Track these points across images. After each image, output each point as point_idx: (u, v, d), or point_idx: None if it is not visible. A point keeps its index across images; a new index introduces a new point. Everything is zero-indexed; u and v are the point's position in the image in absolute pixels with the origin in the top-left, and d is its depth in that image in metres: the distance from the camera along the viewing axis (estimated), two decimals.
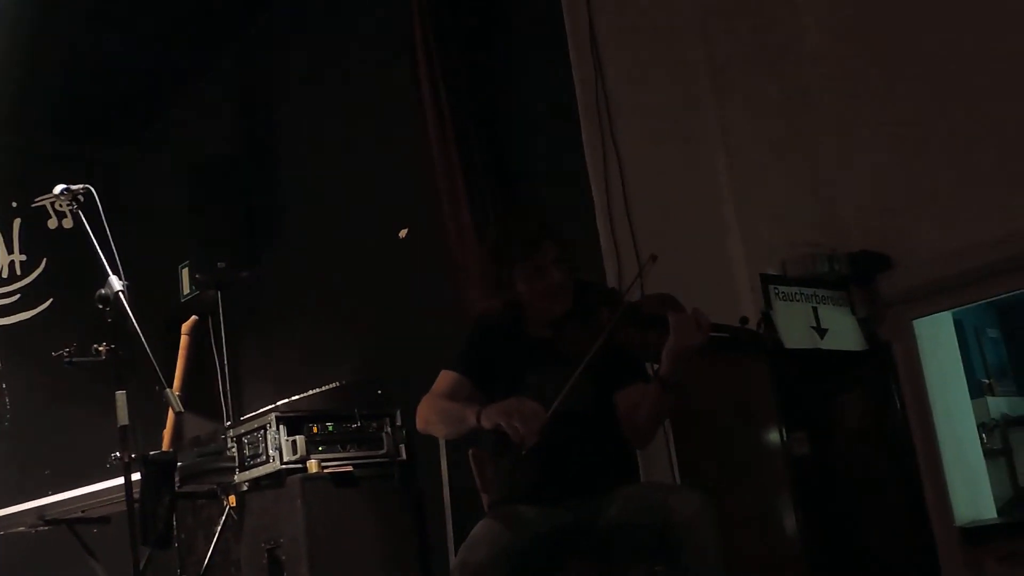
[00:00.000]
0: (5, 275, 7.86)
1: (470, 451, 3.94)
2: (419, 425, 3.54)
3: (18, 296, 7.86)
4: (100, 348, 3.98)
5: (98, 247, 3.91)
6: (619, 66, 4.97)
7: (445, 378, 3.54)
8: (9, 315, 7.80)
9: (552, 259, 3.49)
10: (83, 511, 5.59)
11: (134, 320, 3.82)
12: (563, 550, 3.37)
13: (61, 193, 4.09)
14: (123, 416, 3.83)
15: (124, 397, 3.85)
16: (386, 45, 5.79)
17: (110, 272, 3.88)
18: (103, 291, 3.87)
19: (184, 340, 6.87)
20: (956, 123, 5.10)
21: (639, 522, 3.25)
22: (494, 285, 3.60)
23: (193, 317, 6.95)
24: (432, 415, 3.48)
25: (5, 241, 7.89)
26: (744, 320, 3.42)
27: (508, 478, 3.57)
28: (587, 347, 3.27)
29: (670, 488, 3.90)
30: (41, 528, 5.78)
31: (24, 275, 7.91)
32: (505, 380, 3.45)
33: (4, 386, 7.55)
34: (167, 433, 6.77)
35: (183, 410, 3.90)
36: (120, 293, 3.84)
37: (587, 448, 3.47)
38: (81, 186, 4.09)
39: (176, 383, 6.78)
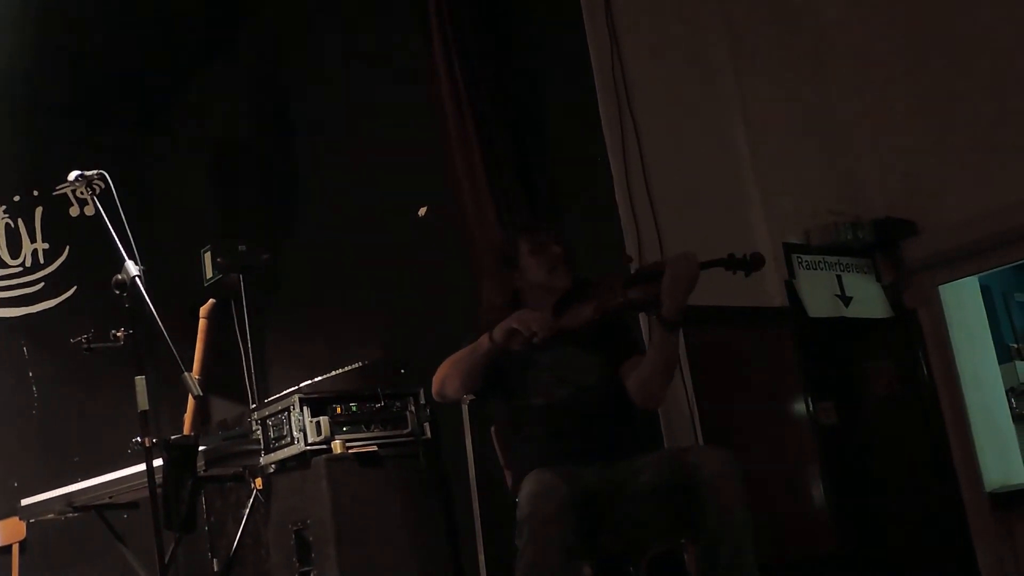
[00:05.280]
0: (29, 264, 7.86)
1: (493, 428, 3.96)
2: (434, 389, 3.78)
3: (42, 284, 7.86)
4: (118, 334, 3.98)
5: (114, 232, 3.91)
6: (635, 38, 4.92)
7: None
8: (34, 304, 7.80)
9: (552, 238, 3.83)
10: (111, 497, 5.58)
11: (151, 305, 3.81)
12: (594, 518, 3.41)
13: (76, 179, 4.09)
14: (143, 401, 3.82)
15: (143, 382, 3.84)
16: (402, 24, 5.74)
17: (126, 257, 3.87)
18: (120, 276, 3.86)
19: (202, 324, 6.85)
20: (980, 87, 5.06)
21: (673, 483, 3.35)
22: (502, 263, 3.89)
23: (211, 300, 6.94)
24: (444, 369, 3.74)
25: (28, 230, 7.89)
26: (732, 255, 3.53)
27: (532, 447, 3.65)
28: (590, 316, 3.54)
29: (694, 448, 4.03)
30: (70, 515, 5.79)
31: (47, 263, 7.91)
32: (517, 364, 3.65)
33: (31, 374, 7.57)
34: (188, 417, 6.77)
35: (201, 394, 3.88)
36: (136, 278, 3.83)
37: (602, 417, 3.64)
38: (95, 172, 4.09)
39: (195, 367, 6.77)
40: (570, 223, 4.94)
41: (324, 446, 5.09)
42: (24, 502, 5.99)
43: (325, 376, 5.43)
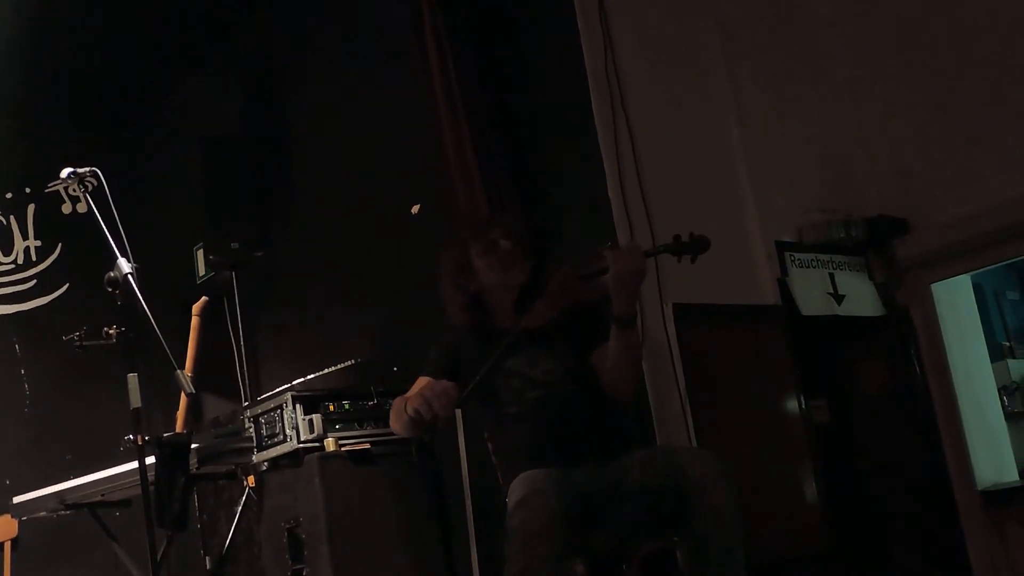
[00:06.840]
0: (21, 261, 7.85)
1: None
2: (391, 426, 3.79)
3: (34, 282, 7.85)
4: (110, 331, 3.97)
5: (106, 230, 3.90)
6: (629, 34, 4.92)
7: (416, 383, 3.72)
8: (26, 301, 7.79)
9: (500, 234, 3.75)
10: (103, 494, 5.57)
11: (143, 302, 3.80)
12: (588, 518, 3.40)
13: (69, 176, 4.08)
14: (136, 399, 3.81)
15: (136, 380, 3.83)
16: (396, 21, 5.74)
17: (119, 255, 3.87)
18: (112, 274, 3.86)
19: (195, 321, 6.84)
20: (972, 85, 5.06)
21: (662, 485, 3.32)
22: (457, 271, 3.80)
23: (203, 298, 6.93)
24: (392, 414, 3.72)
25: (20, 227, 7.87)
26: (677, 237, 3.47)
27: (518, 452, 3.64)
28: (549, 314, 3.50)
29: (683, 449, 4.06)
30: (63, 513, 5.78)
31: (40, 261, 7.89)
32: (489, 372, 3.55)
33: (23, 372, 7.56)
34: (180, 415, 6.76)
35: (194, 391, 3.87)
36: (129, 276, 3.82)
37: (579, 413, 3.61)
38: (88, 169, 4.08)
39: (188, 364, 6.76)
40: (564, 220, 4.94)
41: (317, 444, 5.08)
42: (16, 500, 5.97)
43: (318, 374, 5.42)
